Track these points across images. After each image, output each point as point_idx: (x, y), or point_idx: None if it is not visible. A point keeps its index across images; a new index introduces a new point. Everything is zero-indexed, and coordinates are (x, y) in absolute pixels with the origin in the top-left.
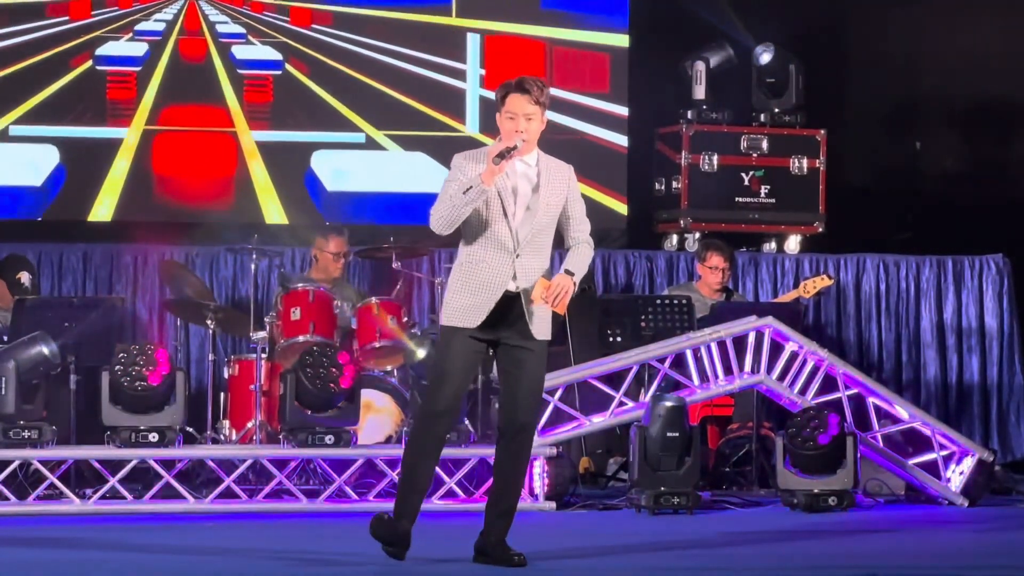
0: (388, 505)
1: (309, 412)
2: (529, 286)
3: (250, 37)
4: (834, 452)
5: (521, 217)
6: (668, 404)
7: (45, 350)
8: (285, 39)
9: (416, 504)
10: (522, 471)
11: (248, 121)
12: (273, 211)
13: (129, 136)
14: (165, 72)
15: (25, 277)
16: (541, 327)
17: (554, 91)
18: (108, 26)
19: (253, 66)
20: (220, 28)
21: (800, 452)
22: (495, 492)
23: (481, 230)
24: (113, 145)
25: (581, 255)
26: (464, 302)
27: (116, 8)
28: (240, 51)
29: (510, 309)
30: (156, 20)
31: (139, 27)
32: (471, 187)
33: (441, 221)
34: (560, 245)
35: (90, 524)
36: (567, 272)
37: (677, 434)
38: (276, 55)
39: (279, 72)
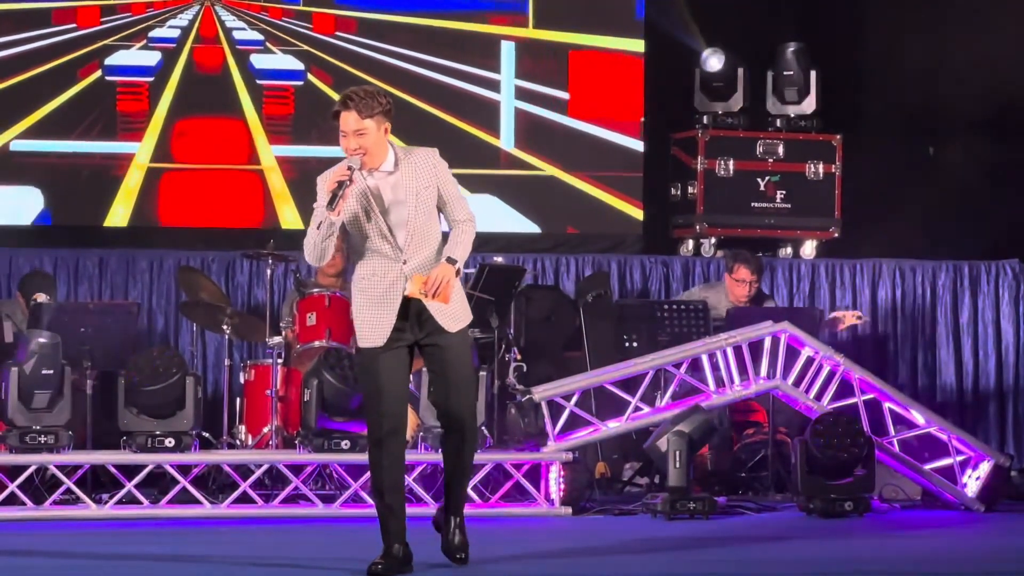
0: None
1: (327, 414)
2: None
3: (268, 44)
4: (851, 457)
5: (395, 226)
6: (706, 418)
7: (40, 340)
8: (307, 47)
9: (399, 527)
10: (465, 466)
11: (268, 135)
12: (289, 216)
13: (141, 151)
14: (179, 82)
15: (42, 298)
16: (451, 319)
17: (569, 96)
18: (118, 34)
19: (273, 76)
20: (237, 35)
21: (817, 457)
22: (445, 487)
23: (364, 247)
24: (124, 160)
25: (461, 236)
26: (368, 321)
27: (128, 14)
28: (259, 60)
29: (414, 310)
30: (171, 27)
31: (153, 34)
32: (321, 222)
33: (310, 255)
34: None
35: (106, 529)
36: (448, 260)
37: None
38: (297, 64)
39: (301, 83)
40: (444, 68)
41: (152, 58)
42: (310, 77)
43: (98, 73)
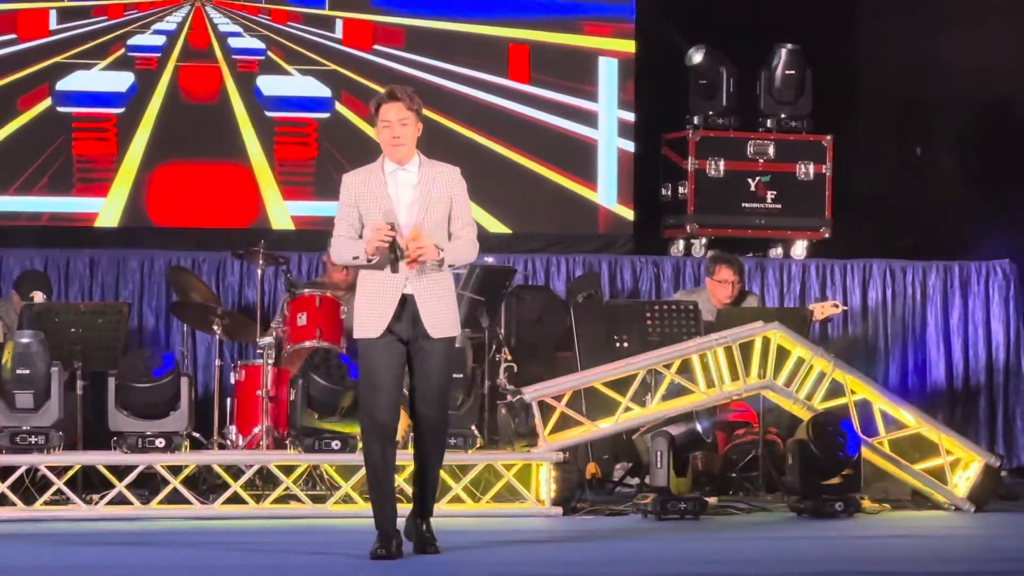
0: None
1: (317, 416)
2: (421, 288)
3: (280, 60)
4: (838, 458)
5: (403, 226)
6: (693, 427)
7: (21, 340)
8: (335, 66)
9: (391, 510)
10: (434, 465)
11: (280, 186)
12: (280, 217)
13: (106, 210)
14: (160, 114)
15: (39, 296)
16: (440, 326)
17: (562, 96)
18: (76, 47)
19: (288, 106)
20: (233, 42)
21: (815, 457)
22: (414, 485)
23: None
24: (82, 221)
25: (459, 241)
26: (366, 313)
27: (97, 19)
28: (269, 84)
29: (409, 310)
30: (155, 32)
31: (131, 42)
32: (357, 256)
33: (338, 261)
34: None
35: (97, 529)
36: (438, 247)
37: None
38: (322, 90)
39: (326, 115)
40: (525, 95)
41: (122, 81)
42: (339, 107)
43: (47, 102)
